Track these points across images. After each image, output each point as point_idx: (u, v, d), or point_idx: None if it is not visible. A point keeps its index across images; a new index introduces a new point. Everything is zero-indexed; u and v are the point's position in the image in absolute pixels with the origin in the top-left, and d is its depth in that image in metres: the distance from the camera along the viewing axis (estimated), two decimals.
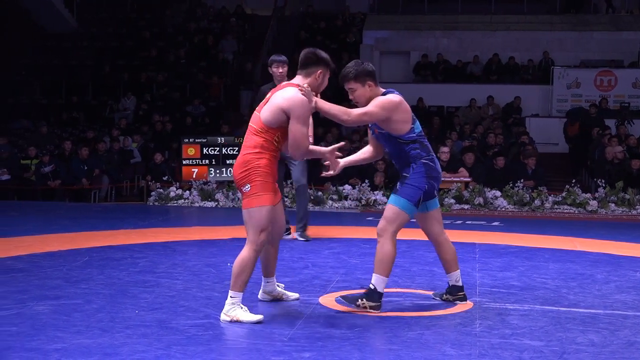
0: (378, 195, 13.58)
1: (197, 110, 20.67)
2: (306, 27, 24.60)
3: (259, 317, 5.13)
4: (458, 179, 13.82)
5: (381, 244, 5.53)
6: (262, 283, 5.78)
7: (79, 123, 20.73)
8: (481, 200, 13.43)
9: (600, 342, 4.80)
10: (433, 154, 5.71)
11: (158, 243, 8.67)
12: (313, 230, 9.40)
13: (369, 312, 5.43)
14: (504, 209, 13.37)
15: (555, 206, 13.44)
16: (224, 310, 5.17)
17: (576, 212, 13.27)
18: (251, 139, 5.25)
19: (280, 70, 8.91)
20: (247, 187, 5.16)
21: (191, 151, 13.97)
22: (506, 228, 10.96)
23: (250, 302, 5.45)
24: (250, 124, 5.34)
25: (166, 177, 14.61)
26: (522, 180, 13.87)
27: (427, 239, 5.97)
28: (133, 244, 8.77)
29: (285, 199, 9.04)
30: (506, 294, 6.25)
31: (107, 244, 8.66)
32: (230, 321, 5.10)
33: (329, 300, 5.87)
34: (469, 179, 13.94)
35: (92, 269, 7.04)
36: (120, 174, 16.50)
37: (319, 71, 5.43)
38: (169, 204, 13.50)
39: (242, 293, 5.19)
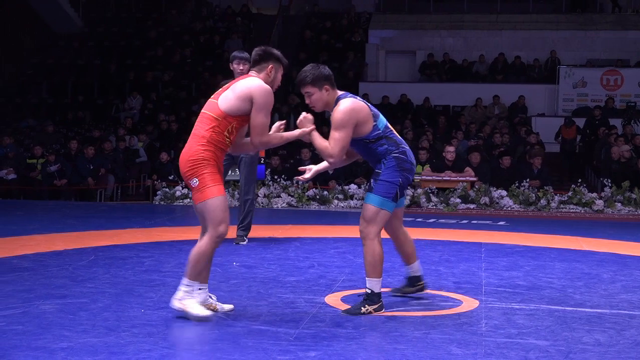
0: None
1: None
2: (311, 27, 24.60)
3: (208, 313, 5.10)
4: (464, 179, 13.81)
5: (367, 247, 5.46)
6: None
7: (85, 122, 20.76)
8: (487, 199, 13.42)
9: (606, 342, 4.79)
10: (404, 146, 5.63)
11: (164, 242, 8.69)
12: (319, 230, 9.40)
13: (375, 314, 5.42)
14: (509, 209, 13.37)
15: (562, 206, 13.44)
16: (177, 296, 5.15)
17: (582, 211, 13.27)
18: (201, 129, 5.16)
19: (242, 68, 8.87)
20: (195, 181, 5.09)
21: None
22: (512, 227, 10.96)
23: (255, 301, 5.43)
24: (204, 111, 5.24)
25: (172, 176, 14.63)
26: (528, 180, 13.86)
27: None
28: (139, 243, 8.78)
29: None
30: (512, 293, 6.23)
31: (112, 243, 8.69)
32: (181, 309, 5.09)
33: (334, 300, 5.87)
34: (474, 179, 13.94)
35: (98, 268, 7.05)
36: (126, 173, 16.51)
37: (270, 66, 5.32)
38: (174, 203, 13.54)
39: (196, 282, 5.15)
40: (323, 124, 13.51)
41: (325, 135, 5.45)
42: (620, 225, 11.78)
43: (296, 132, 5.49)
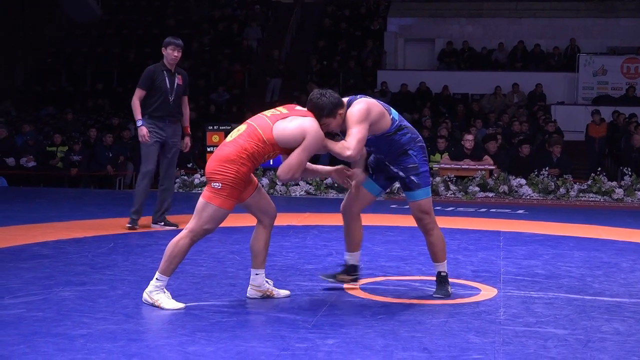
0: None
1: (221, 98, 20.72)
2: (330, 15, 24.56)
3: (180, 305, 5.10)
4: (483, 167, 13.77)
5: (435, 236, 5.63)
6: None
7: (104, 110, 20.84)
8: (506, 188, 13.39)
9: (625, 331, 4.77)
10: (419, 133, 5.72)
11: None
12: (337, 218, 9.39)
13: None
14: (528, 197, 13.34)
15: (581, 194, 13.38)
16: (147, 290, 5.16)
17: (602, 200, 13.21)
18: (246, 141, 5.06)
19: (176, 54, 8.93)
20: (218, 185, 5.02)
21: (215, 138, 14.02)
22: (531, 216, 10.96)
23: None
24: (254, 124, 5.15)
25: (190, 164, 14.67)
26: (547, 168, 13.81)
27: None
28: (157, 231, 8.85)
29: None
30: (531, 282, 6.23)
31: (132, 231, 8.74)
32: (152, 304, 5.09)
33: (352, 288, 5.87)
34: (493, 167, 13.90)
35: (117, 256, 7.11)
36: None
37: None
38: (193, 191, 13.60)
39: (168, 278, 5.16)
40: None
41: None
42: None
43: (327, 169, 5.52)
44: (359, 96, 5.49)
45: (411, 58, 23.81)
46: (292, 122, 5.11)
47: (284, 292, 5.56)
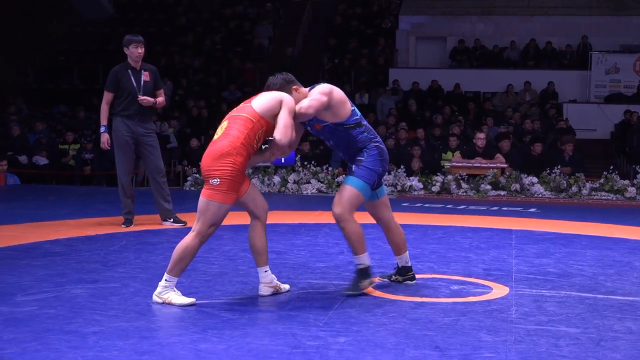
0: (414, 181, 13.58)
1: (232, 96, 20.76)
2: (341, 13, 24.58)
3: (191, 300, 5.15)
4: (494, 165, 13.77)
5: (348, 229, 5.55)
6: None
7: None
8: (518, 186, 13.38)
9: (638, 330, 4.77)
10: (379, 136, 5.74)
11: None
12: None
13: (370, 289, 5.65)
14: (540, 196, 13.32)
15: (593, 193, 13.36)
16: (156, 292, 5.19)
17: (614, 198, 13.19)
18: (236, 130, 5.15)
19: (140, 51, 8.91)
20: (217, 181, 5.06)
21: None
22: (543, 214, 10.95)
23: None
24: (235, 113, 5.31)
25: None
26: (559, 167, 13.80)
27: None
28: (169, 229, 8.89)
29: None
30: (543, 280, 6.22)
31: (143, 229, 8.79)
32: (162, 303, 5.12)
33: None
34: (505, 165, 13.89)
35: (128, 253, 7.15)
36: None
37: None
38: None
39: (177, 279, 5.20)
40: None
41: None
42: None
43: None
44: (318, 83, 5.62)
45: (423, 56, 23.79)
46: (264, 95, 5.36)
47: (285, 286, 5.63)
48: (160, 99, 9.11)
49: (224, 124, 5.28)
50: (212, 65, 22.56)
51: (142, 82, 8.91)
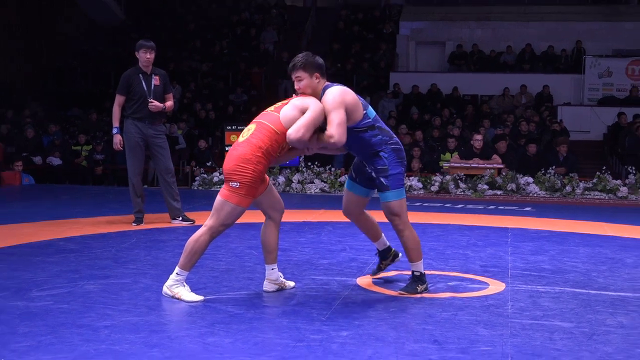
0: (414, 181, 13.70)
1: (239, 99, 20.93)
2: (344, 18, 24.71)
3: (199, 297, 5.22)
4: (491, 166, 13.90)
5: (407, 236, 5.56)
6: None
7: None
8: (514, 186, 13.49)
9: (629, 324, 4.82)
10: (395, 136, 5.64)
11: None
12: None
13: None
14: (535, 195, 13.43)
15: (586, 192, 13.47)
16: (167, 284, 5.27)
17: (606, 198, 13.31)
18: (259, 139, 5.14)
19: (148, 56, 9.01)
20: (236, 184, 5.11)
21: (234, 138, 14.17)
22: (538, 213, 11.00)
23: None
24: (262, 121, 5.24)
25: (210, 162, 14.90)
26: (554, 167, 13.92)
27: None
28: (178, 227, 8.98)
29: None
30: (537, 276, 6.28)
31: (153, 227, 8.87)
32: (172, 297, 5.20)
33: (366, 282, 5.96)
34: (501, 166, 14.01)
35: (139, 250, 7.23)
36: None
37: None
38: (212, 189, 13.76)
39: (187, 273, 5.28)
40: None
41: None
42: None
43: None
44: (336, 84, 5.47)
45: (422, 60, 23.91)
46: (293, 104, 5.26)
47: (290, 283, 5.73)
48: (169, 103, 9.23)
49: (251, 127, 5.27)
50: (220, 70, 22.73)
51: (152, 86, 9.05)
